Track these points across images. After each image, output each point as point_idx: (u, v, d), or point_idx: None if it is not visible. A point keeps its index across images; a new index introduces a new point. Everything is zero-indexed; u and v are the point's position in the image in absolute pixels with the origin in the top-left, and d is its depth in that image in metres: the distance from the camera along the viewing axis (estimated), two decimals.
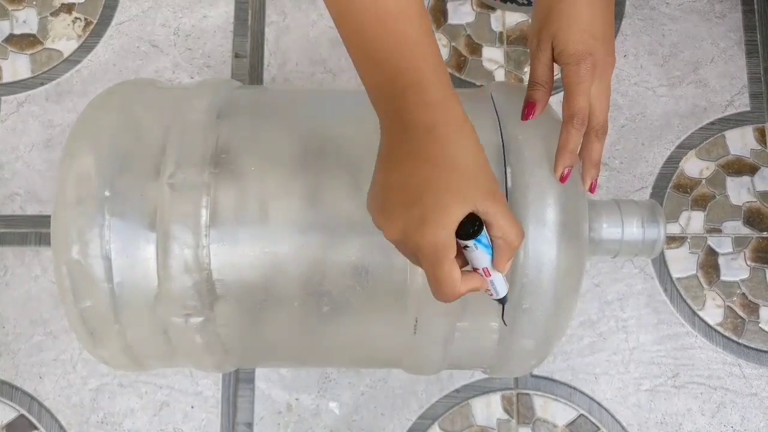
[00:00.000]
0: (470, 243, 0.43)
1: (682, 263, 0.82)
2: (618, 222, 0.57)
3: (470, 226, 0.42)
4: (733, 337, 0.80)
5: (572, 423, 0.78)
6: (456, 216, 0.41)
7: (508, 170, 0.53)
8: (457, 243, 0.42)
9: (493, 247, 0.44)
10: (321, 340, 0.59)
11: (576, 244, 0.54)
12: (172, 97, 0.59)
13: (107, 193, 0.52)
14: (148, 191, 0.52)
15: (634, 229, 0.57)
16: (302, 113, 0.59)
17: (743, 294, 0.81)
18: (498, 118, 0.56)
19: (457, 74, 0.87)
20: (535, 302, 0.53)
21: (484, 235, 0.43)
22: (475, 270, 0.45)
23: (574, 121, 0.51)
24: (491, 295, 0.47)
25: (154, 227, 0.52)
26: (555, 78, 0.55)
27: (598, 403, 0.78)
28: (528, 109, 0.53)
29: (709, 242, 0.83)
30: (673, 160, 0.85)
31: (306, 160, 0.55)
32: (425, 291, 0.53)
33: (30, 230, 0.83)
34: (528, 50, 0.88)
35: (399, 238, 0.42)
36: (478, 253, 0.43)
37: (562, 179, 0.53)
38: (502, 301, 0.48)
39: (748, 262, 0.82)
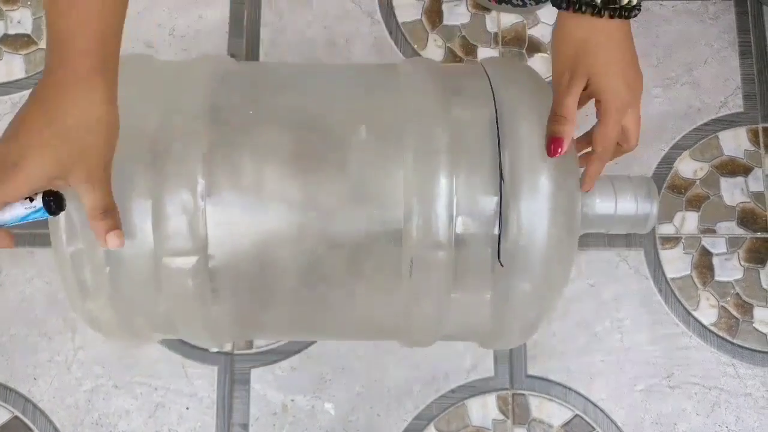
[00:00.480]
0: (29, 207, 0.46)
1: (677, 263, 0.82)
2: (611, 197, 0.57)
3: (57, 207, 0.47)
4: (728, 337, 0.81)
5: (568, 423, 0.78)
6: (37, 169, 0.44)
7: (503, 147, 0.54)
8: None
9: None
10: (317, 300, 0.58)
11: (569, 210, 0.54)
12: (170, 73, 0.60)
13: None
14: (145, 168, 0.53)
15: (627, 204, 0.57)
16: (297, 89, 0.59)
17: (737, 294, 0.82)
18: (492, 91, 0.56)
19: None
20: (530, 242, 0.53)
21: (46, 214, 0.47)
22: None
23: (608, 153, 0.54)
24: None
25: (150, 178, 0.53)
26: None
27: (594, 404, 0.79)
28: (555, 145, 0.52)
29: (704, 243, 0.83)
30: (667, 161, 0.85)
31: (300, 126, 0.55)
32: (419, 235, 0.53)
33: (24, 231, 0.82)
34: (522, 51, 0.88)
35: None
36: (17, 212, 0.47)
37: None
38: None
39: (742, 263, 0.82)
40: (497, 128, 0.54)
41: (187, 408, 0.78)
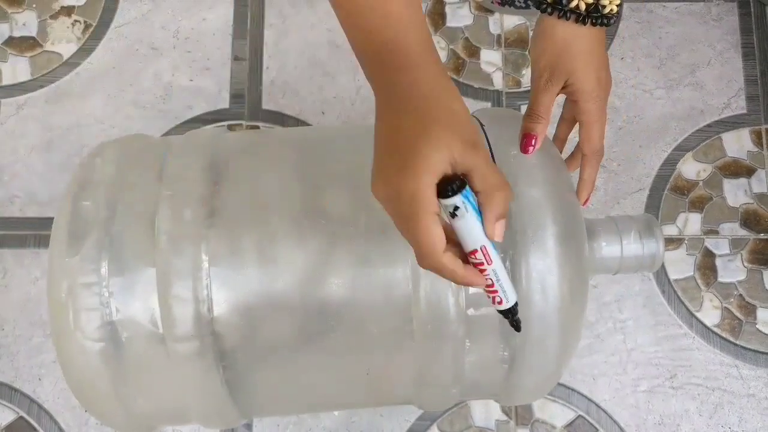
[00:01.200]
0: (458, 200, 0.40)
1: (680, 265, 0.82)
2: (617, 239, 0.57)
3: (451, 183, 0.40)
4: (731, 339, 0.81)
5: (570, 424, 0.78)
6: (434, 162, 0.39)
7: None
8: (448, 217, 0.40)
9: (480, 212, 0.41)
10: (330, 368, 0.57)
11: (578, 264, 0.53)
12: (164, 150, 0.58)
13: (107, 251, 0.52)
14: (146, 247, 0.52)
15: (632, 245, 0.57)
16: (295, 157, 0.58)
17: (740, 295, 0.82)
18: (489, 144, 0.56)
19: (455, 77, 0.88)
20: (542, 296, 0.52)
21: (469, 192, 0.40)
22: (471, 256, 0.41)
23: (598, 156, 0.56)
24: (496, 301, 0.43)
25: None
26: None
27: (596, 404, 0.79)
28: (528, 140, 0.54)
29: (707, 244, 0.83)
30: (670, 162, 0.85)
31: (303, 196, 0.55)
32: (428, 298, 0.52)
33: (29, 232, 0.83)
34: (525, 53, 0.88)
35: (383, 192, 0.41)
36: (469, 219, 0.40)
37: (585, 204, 0.57)
38: (511, 313, 0.44)
39: (745, 264, 0.82)
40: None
41: None
